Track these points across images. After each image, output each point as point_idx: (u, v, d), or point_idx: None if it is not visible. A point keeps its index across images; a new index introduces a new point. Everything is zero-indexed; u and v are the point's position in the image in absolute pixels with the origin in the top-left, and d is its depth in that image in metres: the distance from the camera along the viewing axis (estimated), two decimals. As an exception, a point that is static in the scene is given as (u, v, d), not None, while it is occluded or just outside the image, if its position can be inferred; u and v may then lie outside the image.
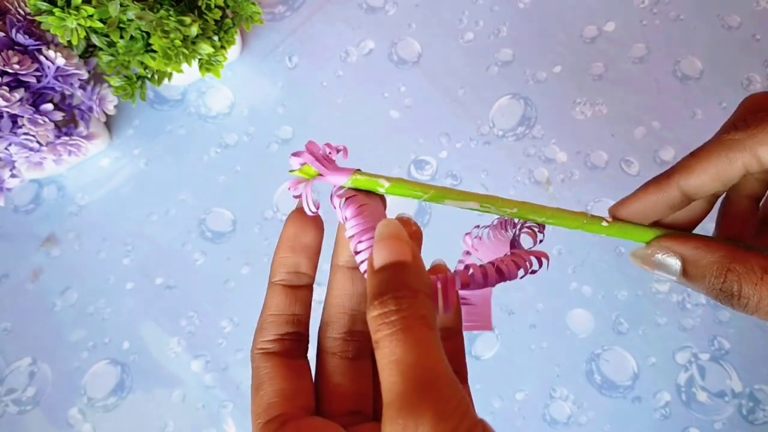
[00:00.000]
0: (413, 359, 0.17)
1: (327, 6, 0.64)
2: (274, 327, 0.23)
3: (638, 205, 0.25)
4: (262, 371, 0.23)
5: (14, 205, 0.59)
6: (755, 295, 0.21)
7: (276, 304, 0.24)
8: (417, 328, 0.18)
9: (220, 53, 0.53)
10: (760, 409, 0.49)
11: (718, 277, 0.22)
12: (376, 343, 0.18)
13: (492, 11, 0.62)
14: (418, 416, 0.16)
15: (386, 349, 0.18)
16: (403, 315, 0.18)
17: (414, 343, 0.18)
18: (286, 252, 0.24)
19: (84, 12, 0.46)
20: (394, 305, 0.18)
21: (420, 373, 0.17)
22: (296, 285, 0.24)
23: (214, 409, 0.52)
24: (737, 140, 0.22)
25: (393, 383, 0.17)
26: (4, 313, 0.56)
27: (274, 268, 0.24)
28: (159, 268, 0.56)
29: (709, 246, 0.23)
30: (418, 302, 0.19)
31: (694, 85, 0.57)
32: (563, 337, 0.52)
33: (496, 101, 0.59)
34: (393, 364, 0.17)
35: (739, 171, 0.23)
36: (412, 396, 0.17)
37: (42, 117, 0.49)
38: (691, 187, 0.24)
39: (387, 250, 0.20)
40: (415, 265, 0.20)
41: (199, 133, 0.60)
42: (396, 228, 0.20)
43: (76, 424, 0.52)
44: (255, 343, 0.24)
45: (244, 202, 0.58)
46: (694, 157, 0.24)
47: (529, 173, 0.56)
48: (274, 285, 0.24)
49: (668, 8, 0.60)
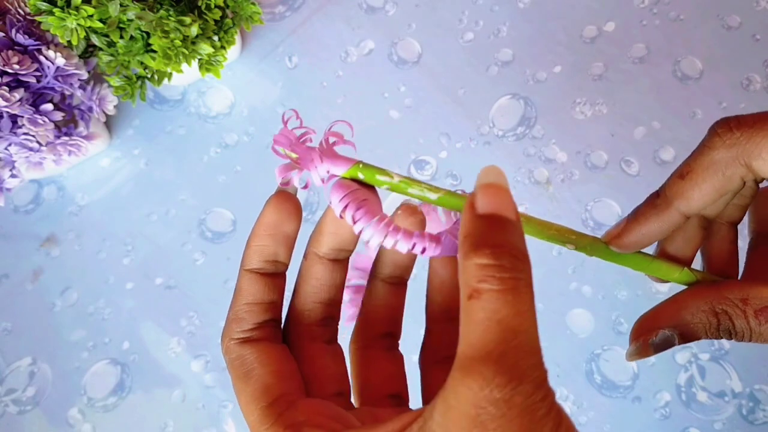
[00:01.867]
0: (518, 324, 0.17)
1: (327, 6, 0.64)
2: (252, 316, 0.23)
3: (639, 233, 0.25)
4: (247, 358, 0.22)
5: (14, 205, 0.59)
6: (746, 326, 0.23)
7: (252, 293, 0.23)
8: (524, 294, 0.17)
9: (220, 53, 0.53)
10: (760, 409, 0.49)
11: (711, 325, 0.23)
12: (476, 291, 0.17)
13: (492, 11, 0.62)
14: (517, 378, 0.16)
15: (491, 304, 0.17)
16: (517, 276, 0.17)
17: (523, 308, 0.17)
18: (265, 240, 0.23)
19: (84, 12, 0.46)
20: (508, 262, 0.17)
21: (523, 340, 0.17)
22: (272, 273, 0.23)
23: (214, 409, 0.52)
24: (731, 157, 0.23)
25: (491, 341, 0.16)
26: (4, 313, 0.56)
27: (250, 255, 0.23)
28: (159, 268, 0.56)
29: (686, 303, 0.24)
30: (529, 272, 0.18)
31: (694, 85, 0.57)
32: (563, 337, 0.52)
33: (496, 101, 0.59)
34: (495, 323, 0.16)
35: (737, 184, 0.24)
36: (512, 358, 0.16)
37: (42, 117, 0.49)
38: (693, 210, 0.24)
39: (495, 198, 0.18)
40: (520, 228, 0.19)
41: (199, 133, 0.60)
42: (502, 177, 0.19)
43: (76, 424, 0.52)
44: (230, 333, 0.22)
45: (244, 202, 0.58)
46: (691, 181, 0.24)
47: (529, 173, 0.56)
48: (251, 273, 0.23)
49: (668, 8, 0.60)
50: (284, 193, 0.23)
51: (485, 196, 0.19)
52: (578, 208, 0.55)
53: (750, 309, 0.23)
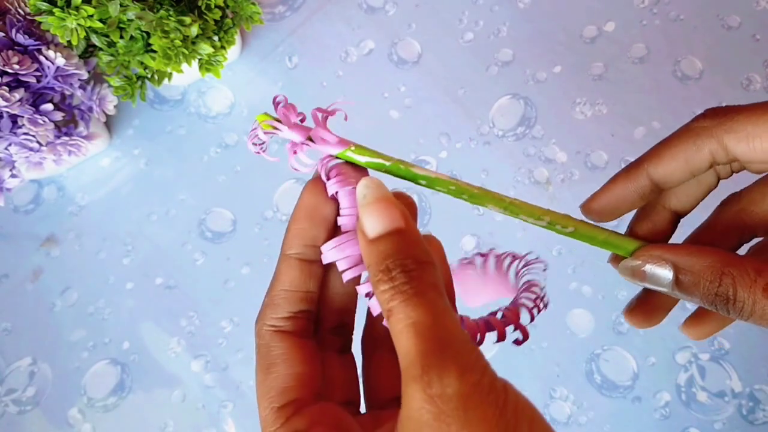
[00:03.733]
0: (430, 320, 0.17)
1: (327, 6, 0.64)
2: (288, 304, 0.22)
3: (609, 196, 0.25)
4: (274, 351, 0.22)
5: (14, 205, 0.59)
6: (749, 297, 0.21)
7: (291, 279, 0.22)
8: (430, 294, 0.18)
9: (220, 53, 0.53)
10: (760, 409, 0.49)
11: (713, 281, 0.22)
12: (389, 311, 0.18)
13: (492, 11, 0.62)
14: (443, 371, 0.17)
15: (401, 314, 0.18)
16: (415, 283, 0.18)
17: (429, 305, 0.18)
18: (304, 223, 0.22)
19: (84, 12, 0.46)
20: (403, 278, 0.18)
21: (438, 332, 0.17)
22: (312, 260, 0.22)
23: (214, 409, 0.52)
24: (705, 127, 0.23)
25: (412, 344, 0.17)
26: (4, 313, 0.56)
27: (289, 240, 0.22)
28: (159, 268, 0.56)
29: (702, 252, 0.23)
30: (427, 272, 0.19)
31: (694, 85, 0.57)
32: (563, 337, 0.52)
33: (496, 101, 0.59)
34: (410, 327, 0.17)
35: (706, 158, 0.23)
36: (434, 353, 0.17)
37: (42, 117, 0.49)
38: (661, 175, 0.24)
39: (378, 216, 0.19)
40: (411, 232, 0.19)
41: (199, 133, 0.60)
42: (380, 188, 0.20)
43: (76, 424, 0.52)
44: (264, 318, 0.22)
45: (244, 202, 0.58)
46: (663, 144, 0.24)
47: (529, 173, 0.56)
48: (290, 258, 0.22)
49: (668, 8, 0.60)
50: (319, 178, 0.23)
51: (368, 218, 0.19)
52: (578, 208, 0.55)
53: (762, 281, 0.21)
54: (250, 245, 0.56)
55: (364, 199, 0.20)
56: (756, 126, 0.22)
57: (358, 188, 0.20)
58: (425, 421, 0.16)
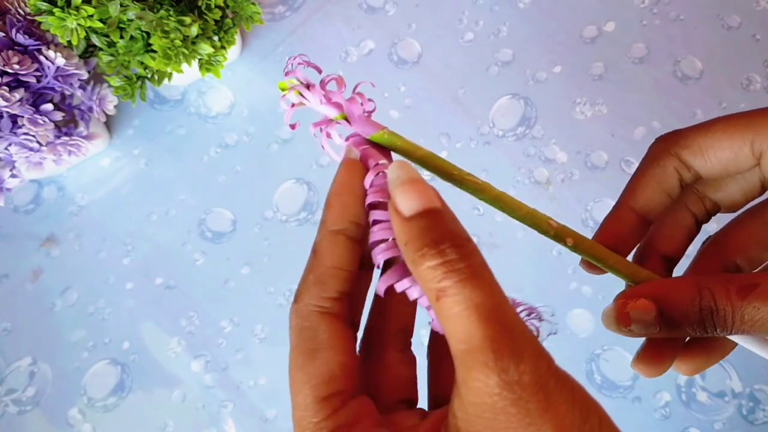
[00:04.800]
0: (494, 303, 0.17)
1: (327, 6, 0.64)
2: (336, 282, 0.21)
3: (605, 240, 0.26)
4: (321, 335, 0.20)
5: (14, 205, 0.59)
6: (728, 304, 0.22)
7: (338, 256, 0.21)
8: (487, 274, 0.17)
9: (220, 53, 0.53)
10: (760, 409, 0.49)
11: (694, 300, 0.22)
12: (441, 291, 0.17)
13: (492, 11, 0.62)
14: (518, 357, 0.16)
15: (459, 296, 0.17)
16: (470, 262, 0.17)
17: (490, 287, 0.17)
18: (348, 197, 0.21)
19: (84, 12, 0.46)
20: (455, 254, 0.17)
21: (503, 316, 0.17)
22: (356, 237, 0.21)
23: (214, 409, 0.52)
24: (663, 148, 0.25)
25: (478, 328, 0.16)
26: (4, 313, 0.56)
27: (334, 215, 0.21)
28: (159, 268, 0.56)
29: (674, 280, 0.24)
30: (474, 249, 0.18)
31: (694, 85, 0.57)
32: (563, 337, 0.52)
33: (496, 101, 0.59)
34: (473, 310, 0.17)
35: (674, 175, 0.25)
36: (505, 338, 0.16)
37: (42, 117, 0.49)
38: (641, 205, 0.26)
39: (413, 194, 0.19)
40: (449, 211, 0.19)
41: (199, 133, 0.60)
42: (412, 170, 0.19)
43: (76, 424, 0.52)
44: (310, 297, 0.20)
45: (244, 202, 0.58)
46: (634, 177, 0.26)
47: (529, 173, 0.56)
48: (336, 234, 0.21)
49: (668, 8, 0.60)
50: (352, 159, 0.22)
51: (404, 197, 0.19)
52: (578, 208, 0.55)
53: (733, 286, 0.22)
54: (250, 245, 0.56)
55: (397, 179, 0.19)
56: (705, 138, 0.24)
57: (390, 170, 0.19)
58: (501, 408, 0.16)
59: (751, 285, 0.22)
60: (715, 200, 0.27)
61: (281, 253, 0.55)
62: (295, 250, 0.54)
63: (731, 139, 0.24)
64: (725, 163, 0.24)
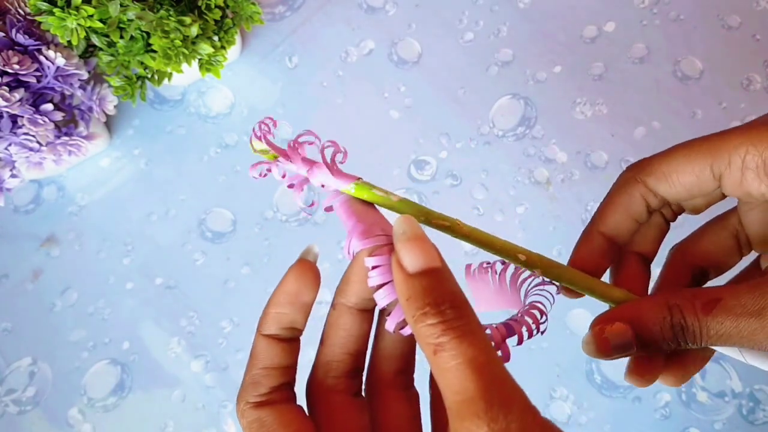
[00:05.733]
0: (486, 358, 0.18)
1: (327, 6, 0.64)
2: (268, 380, 0.23)
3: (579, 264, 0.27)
4: (266, 420, 0.22)
5: (14, 205, 0.59)
6: (695, 320, 0.23)
7: (270, 357, 0.23)
8: (480, 332, 0.19)
9: (220, 53, 0.53)
10: (760, 409, 0.49)
11: (665, 317, 0.23)
12: (439, 346, 0.18)
13: (492, 11, 0.62)
14: (507, 408, 0.17)
15: (454, 351, 0.18)
16: (466, 321, 0.19)
17: (483, 343, 0.18)
18: (284, 308, 0.23)
19: (84, 12, 0.46)
20: (453, 312, 0.19)
21: (494, 370, 0.18)
22: (289, 338, 0.23)
23: (214, 409, 0.52)
24: (630, 177, 0.27)
25: (471, 381, 0.18)
26: (4, 313, 0.56)
27: (268, 321, 0.23)
28: (159, 268, 0.56)
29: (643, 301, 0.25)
30: (470, 309, 0.19)
31: (694, 85, 0.57)
32: (563, 337, 0.52)
33: (496, 101, 0.59)
34: (467, 364, 0.18)
35: (641, 202, 0.27)
36: (496, 390, 0.18)
37: (42, 117, 0.49)
38: (610, 229, 0.27)
39: (418, 252, 0.20)
40: (448, 271, 0.20)
41: (199, 133, 0.60)
42: (418, 227, 0.20)
43: (76, 424, 0.52)
44: (246, 396, 0.23)
45: (244, 202, 0.58)
46: (603, 204, 0.28)
47: (529, 173, 0.56)
48: (267, 338, 0.23)
49: (668, 8, 0.60)
50: (305, 263, 0.24)
51: (410, 253, 0.20)
52: (578, 208, 0.55)
53: (698, 302, 0.23)
54: (250, 245, 0.56)
55: (403, 235, 0.20)
56: (668, 165, 0.25)
57: (396, 224, 0.20)
58: None
59: (714, 300, 0.23)
60: (681, 205, 0.28)
61: (281, 253, 0.55)
62: (295, 250, 0.54)
63: (692, 164, 0.25)
64: (689, 187, 0.25)
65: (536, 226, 0.54)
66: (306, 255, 0.24)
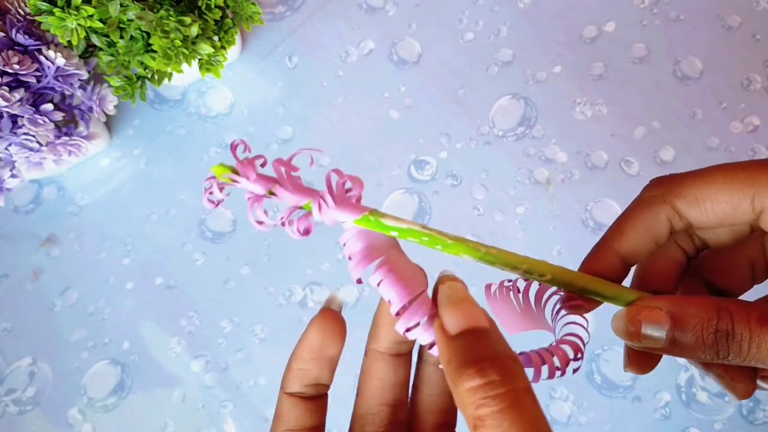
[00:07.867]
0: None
1: (327, 6, 0.64)
2: None
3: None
4: None
5: (14, 205, 0.59)
6: (747, 330, 0.21)
7: (294, 418, 0.22)
8: (528, 403, 0.17)
9: (220, 53, 0.53)
10: (760, 409, 0.49)
11: (711, 318, 0.21)
12: (480, 419, 0.16)
13: (492, 11, 0.62)
14: None
15: (496, 429, 0.16)
16: (510, 387, 0.17)
17: (532, 419, 0.16)
18: (307, 364, 0.21)
19: (84, 12, 0.46)
20: (497, 375, 0.17)
21: None
22: (315, 396, 0.22)
23: (214, 409, 0.52)
24: (656, 195, 0.24)
25: None
26: (4, 313, 0.56)
27: (291, 379, 0.22)
28: (159, 268, 0.56)
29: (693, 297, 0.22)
30: (519, 372, 0.17)
31: (694, 85, 0.57)
32: (563, 337, 0.51)
33: (496, 101, 0.59)
34: None
35: (665, 224, 0.24)
36: None
37: (42, 117, 0.49)
38: (626, 249, 0.24)
39: (461, 314, 0.18)
40: (496, 331, 0.19)
41: (199, 133, 0.60)
42: (463, 290, 0.19)
43: (76, 424, 0.52)
44: None
45: (244, 202, 0.57)
46: (622, 219, 0.25)
47: (529, 173, 0.56)
48: (292, 397, 0.22)
49: (668, 8, 0.60)
50: (329, 312, 0.22)
51: (452, 316, 0.18)
52: (578, 208, 0.55)
53: (755, 312, 0.21)
54: (250, 245, 0.56)
55: (447, 300, 0.19)
56: (703, 190, 0.23)
57: (441, 289, 0.19)
58: None
59: None
60: (705, 239, 0.26)
61: (281, 253, 0.55)
62: (295, 250, 0.54)
63: (730, 193, 0.22)
64: (722, 216, 0.23)
65: (536, 226, 0.54)
66: (330, 304, 0.22)
